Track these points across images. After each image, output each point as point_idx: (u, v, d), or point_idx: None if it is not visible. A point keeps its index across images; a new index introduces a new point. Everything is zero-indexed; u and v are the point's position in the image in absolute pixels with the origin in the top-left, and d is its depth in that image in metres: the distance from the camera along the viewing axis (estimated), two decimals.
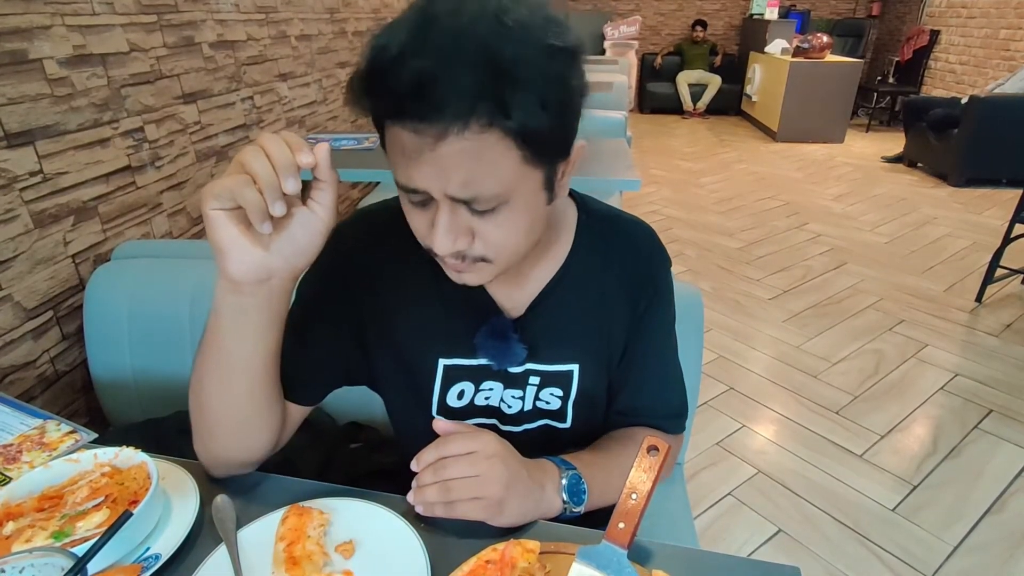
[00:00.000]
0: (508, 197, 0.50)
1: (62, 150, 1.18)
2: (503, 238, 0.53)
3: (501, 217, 0.51)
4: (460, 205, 0.50)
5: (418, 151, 0.47)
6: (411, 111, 0.45)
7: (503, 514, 0.57)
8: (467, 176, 0.47)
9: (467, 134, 0.45)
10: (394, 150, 0.50)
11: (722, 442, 1.90)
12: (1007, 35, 5.19)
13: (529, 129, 0.46)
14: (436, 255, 0.55)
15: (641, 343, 0.70)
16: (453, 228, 0.51)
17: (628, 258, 0.69)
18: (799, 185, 4.60)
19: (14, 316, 1.09)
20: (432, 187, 0.49)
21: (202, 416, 0.60)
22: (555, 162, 0.53)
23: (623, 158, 1.98)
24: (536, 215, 0.55)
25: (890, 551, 1.50)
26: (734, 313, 2.70)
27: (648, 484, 0.53)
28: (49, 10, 1.14)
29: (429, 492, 0.56)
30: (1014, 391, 2.12)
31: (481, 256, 0.54)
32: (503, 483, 0.56)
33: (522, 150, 0.48)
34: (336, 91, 2.56)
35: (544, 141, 0.49)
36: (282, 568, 0.54)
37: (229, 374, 0.56)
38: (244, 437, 0.61)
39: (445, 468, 0.56)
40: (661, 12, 7.61)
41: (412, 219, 0.55)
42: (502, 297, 0.67)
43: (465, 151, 0.46)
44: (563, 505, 0.60)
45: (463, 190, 0.48)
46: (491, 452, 0.57)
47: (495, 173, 0.48)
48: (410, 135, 0.46)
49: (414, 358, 0.68)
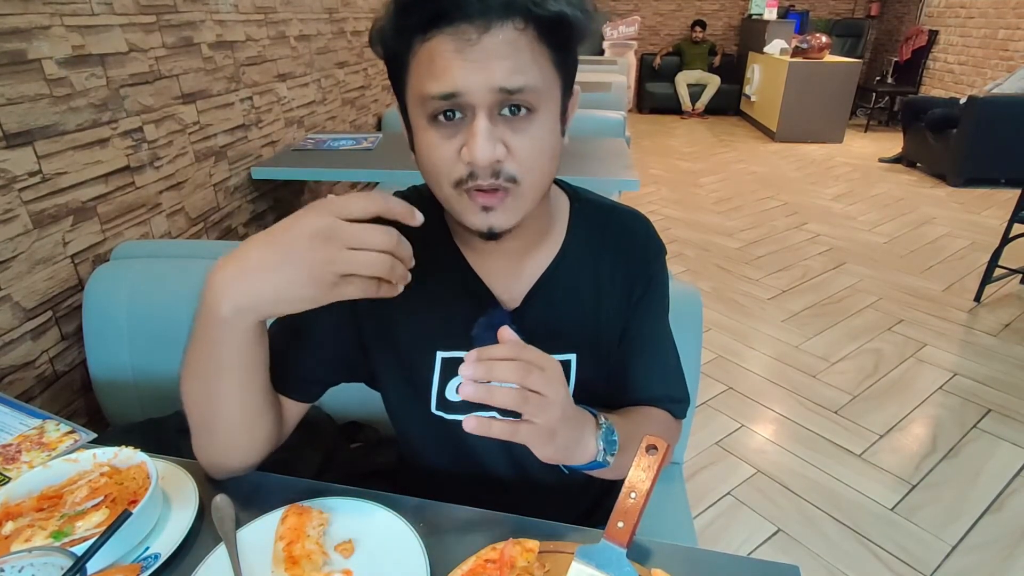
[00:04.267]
0: (540, 102, 0.53)
1: (61, 150, 1.18)
2: (534, 154, 0.54)
3: (533, 129, 0.53)
4: (496, 115, 0.52)
5: (458, 50, 0.49)
6: (453, 13, 0.48)
7: (552, 443, 0.53)
8: (514, 64, 0.50)
9: (509, 27, 0.49)
10: (424, 66, 0.51)
11: (721, 442, 1.90)
12: (1006, 35, 5.19)
13: (560, 23, 0.51)
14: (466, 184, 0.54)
15: (639, 331, 0.70)
16: (492, 134, 0.52)
17: (622, 246, 0.69)
18: (798, 185, 4.60)
19: (13, 316, 1.09)
20: (476, 84, 0.50)
21: (198, 426, 0.60)
22: (569, 85, 0.57)
23: (622, 158, 1.99)
24: (555, 142, 0.57)
25: (889, 550, 1.50)
26: (733, 313, 2.70)
27: (647, 483, 0.53)
28: (48, 10, 1.14)
29: (506, 396, 0.48)
30: (1013, 391, 2.12)
31: (513, 176, 0.54)
32: (562, 411, 0.52)
33: (553, 51, 0.53)
34: (335, 91, 2.56)
35: (570, 45, 0.55)
36: (281, 567, 0.54)
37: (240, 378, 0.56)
38: (241, 443, 0.61)
39: (528, 374, 0.49)
40: (660, 12, 7.61)
41: (437, 152, 0.54)
42: (499, 289, 0.67)
43: (508, 42, 0.50)
44: (597, 451, 0.57)
45: (510, 78, 0.50)
46: (560, 375, 0.52)
47: (534, 67, 0.51)
48: (449, 40, 0.49)
49: (412, 352, 0.68)
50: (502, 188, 0.54)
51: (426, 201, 0.68)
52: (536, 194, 0.58)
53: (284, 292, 0.48)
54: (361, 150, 2.10)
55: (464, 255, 0.67)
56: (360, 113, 2.85)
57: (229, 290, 0.49)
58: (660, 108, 7.35)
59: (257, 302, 0.50)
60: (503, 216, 0.56)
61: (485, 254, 0.66)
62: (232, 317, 0.50)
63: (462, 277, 0.67)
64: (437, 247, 0.67)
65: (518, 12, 0.49)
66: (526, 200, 0.57)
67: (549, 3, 0.50)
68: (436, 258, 0.57)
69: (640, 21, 7.27)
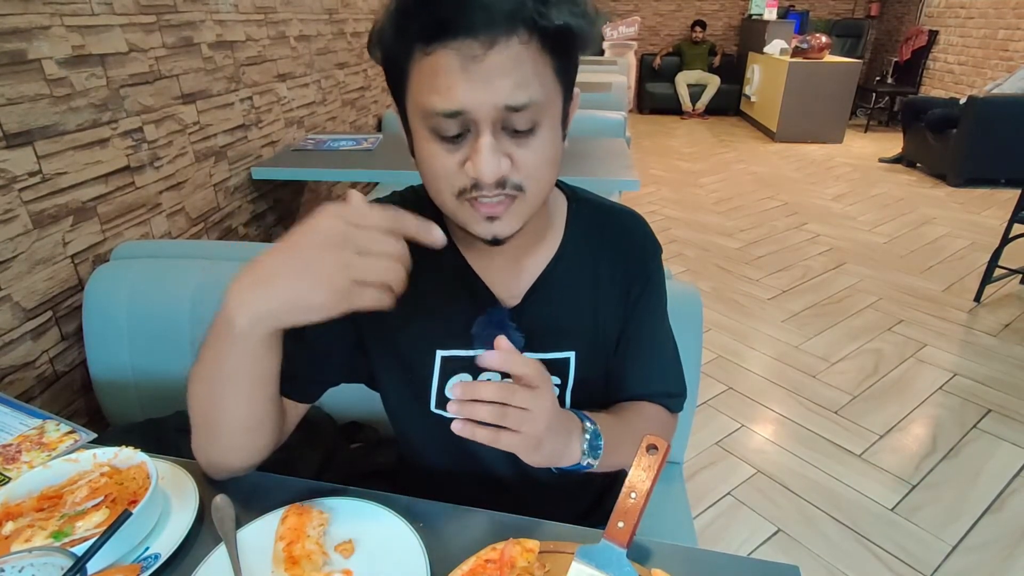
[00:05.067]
0: (543, 116, 0.53)
1: (61, 150, 1.18)
2: (538, 164, 0.54)
3: (536, 141, 0.53)
4: (500, 130, 0.52)
5: (463, 68, 0.48)
6: (457, 26, 0.47)
7: (539, 451, 0.54)
8: (518, 80, 0.50)
9: (513, 43, 0.49)
10: (427, 79, 0.50)
11: (721, 442, 1.90)
12: (1005, 35, 5.19)
13: (564, 34, 0.51)
14: (469, 194, 0.54)
15: (637, 329, 0.71)
16: (497, 150, 0.52)
17: (620, 246, 0.70)
18: (798, 185, 4.60)
19: (13, 316, 1.09)
20: (480, 102, 0.49)
21: (201, 427, 0.60)
22: (569, 90, 0.57)
23: (622, 158, 1.99)
24: (557, 149, 0.57)
25: (889, 550, 1.50)
26: (733, 313, 2.70)
27: (647, 483, 0.53)
28: (48, 10, 1.14)
29: (482, 410, 0.51)
30: (1013, 391, 2.12)
31: (519, 185, 0.54)
32: (548, 423, 0.53)
33: (555, 61, 0.52)
34: (335, 91, 2.56)
35: (571, 55, 0.55)
36: (281, 567, 0.54)
37: (249, 386, 0.56)
38: (243, 446, 0.61)
39: (513, 393, 0.51)
40: (660, 12, 7.61)
41: (439, 161, 0.54)
42: (498, 287, 0.67)
43: (513, 58, 0.49)
44: (581, 456, 0.59)
45: (514, 95, 0.50)
46: (549, 388, 0.55)
47: (537, 80, 0.51)
48: (452, 55, 0.48)
49: (412, 351, 0.68)
50: (508, 196, 0.55)
51: (424, 201, 0.68)
52: (539, 200, 0.58)
53: (298, 299, 0.48)
54: (361, 151, 2.10)
55: (463, 254, 0.67)
56: (360, 114, 2.85)
57: (245, 299, 0.49)
58: (660, 108, 7.35)
59: (272, 310, 0.49)
60: (507, 224, 0.57)
61: (484, 253, 0.67)
62: (247, 328, 0.50)
63: (461, 276, 0.67)
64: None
65: (523, 25, 0.49)
66: (530, 207, 0.57)
67: (553, 14, 0.49)
68: (435, 257, 0.57)
69: (640, 21, 7.27)
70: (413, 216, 0.49)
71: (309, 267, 0.47)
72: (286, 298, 0.48)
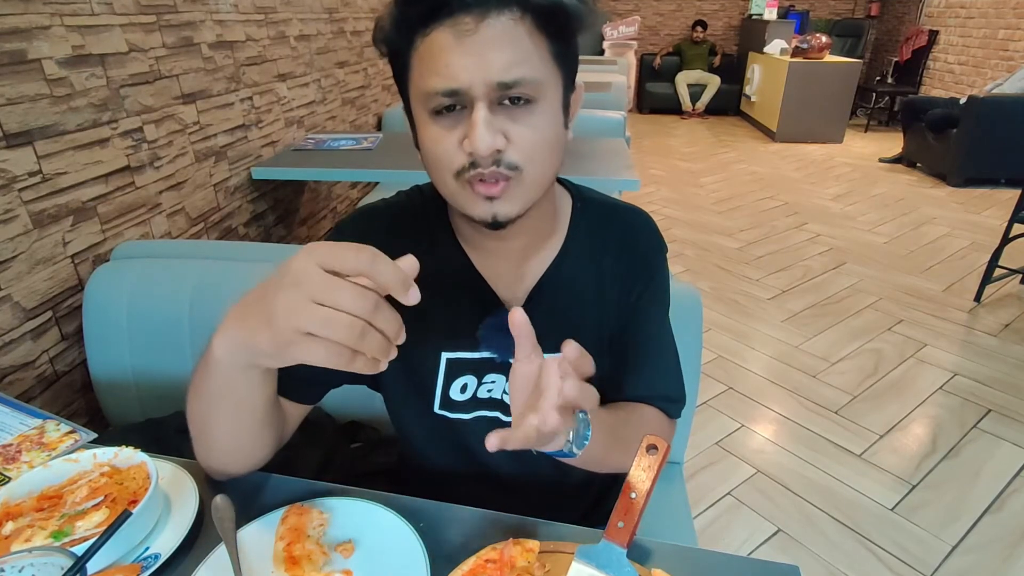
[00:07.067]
0: (540, 93, 0.54)
1: (61, 150, 1.18)
2: (534, 142, 0.55)
3: (533, 118, 0.54)
4: (496, 105, 0.52)
5: (457, 43, 0.50)
6: (452, 4, 0.50)
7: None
8: (510, 57, 0.51)
9: (505, 18, 0.50)
10: (426, 63, 0.52)
11: (721, 442, 1.90)
12: (1006, 35, 5.19)
13: (557, 13, 0.52)
14: (467, 173, 0.54)
15: (639, 329, 0.70)
16: (492, 124, 0.52)
17: (624, 243, 0.70)
18: (798, 185, 4.60)
19: (13, 316, 1.09)
20: (474, 78, 0.51)
21: (197, 438, 0.60)
22: (570, 78, 0.58)
23: (622, 158, 1.99)
24: (557, 134, 0.57)
25: (889, 550, 1.50)
26: (733, 313, 2.70)
27: (647, 483, 0.53)
28: (48, 10, 1.14)
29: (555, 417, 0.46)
30: (1013, 391, 2.12)
31: (515, 164, 0.54)
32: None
33: (551, 42, 0.53)
34: (335, 90, 2.56)
35: (568, 37, 0.55)
36: (282, 567, 0.54)
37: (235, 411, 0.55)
38: (239, 457, 0.62)
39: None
40: (660, 12, 7.61)
41: (439, 143, 0.55)
42: (502, 289, 0.67)
43: (506, 33, 0.51)
44: (565, 443, 0.56)
45: (506, 71, 0.51)
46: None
47: (532, 59, 0.52)
48: (448, 32, 0.50)
49: (416, 353, 0.68)
50: (504, 177, 0.55)
51: (429, 201, 0.68)
52: (539, 184, 0.58)
53: (247, 339, 0.45)
54: (361, 150, 2.10)
55: (468, 255, 0.67)
56: (360, 113, 2.85)
57: (226, 329, 0.47)
58: (660, 108, 7.35)
59: (237, 348, 0.47)
60: (507, 205, 0.57)
61: (488, 254, 0.66)
62: (224, 358, 0.48)
63: (465, 278, 0.67)
64: (441, 247, 0.67)
65: (515, 2, 0.51)
66: (529, 189, 0.57)
67: None
68: (440, 259, 0.57)
69: (640, 21, 7.27)
70: (394, 266, 0.42)
71: (258, 307, 0.44)
72: (241, 339, 0.46)
